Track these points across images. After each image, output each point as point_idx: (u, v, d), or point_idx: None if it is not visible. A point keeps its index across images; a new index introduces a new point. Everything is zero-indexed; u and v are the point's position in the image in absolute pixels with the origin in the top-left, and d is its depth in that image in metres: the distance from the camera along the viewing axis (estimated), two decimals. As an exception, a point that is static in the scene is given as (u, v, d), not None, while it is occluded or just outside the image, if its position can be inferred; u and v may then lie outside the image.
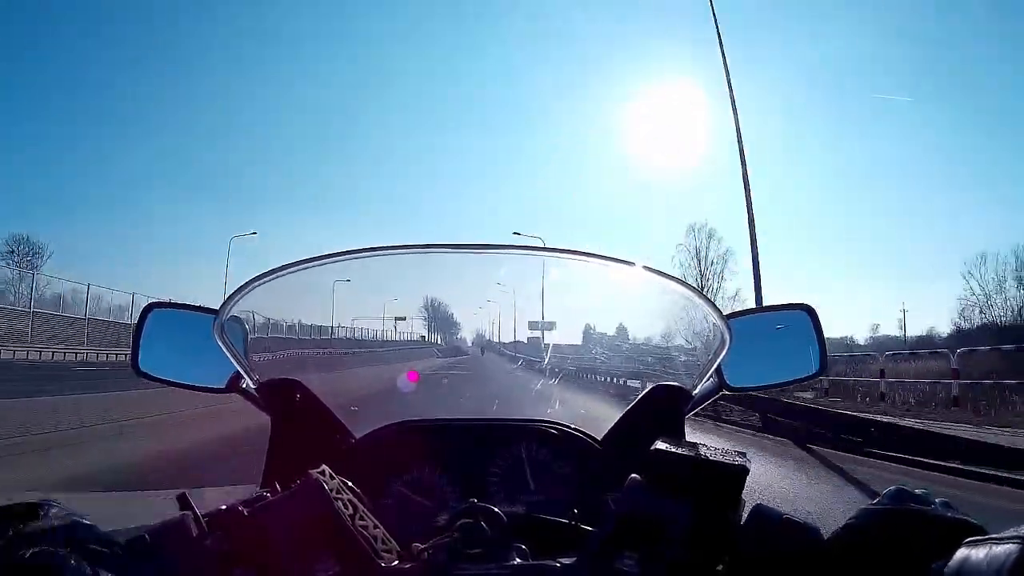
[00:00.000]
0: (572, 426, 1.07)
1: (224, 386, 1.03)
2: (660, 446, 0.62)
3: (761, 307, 1.16)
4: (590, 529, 0.70)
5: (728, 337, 0.96)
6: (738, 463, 0.59)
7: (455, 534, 0.63)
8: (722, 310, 0.95)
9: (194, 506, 0.58)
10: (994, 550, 0.42)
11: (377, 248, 0.96)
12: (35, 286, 27.45)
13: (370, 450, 1.02)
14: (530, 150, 58.09)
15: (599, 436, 1.05)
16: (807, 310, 1.06)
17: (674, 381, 1.09)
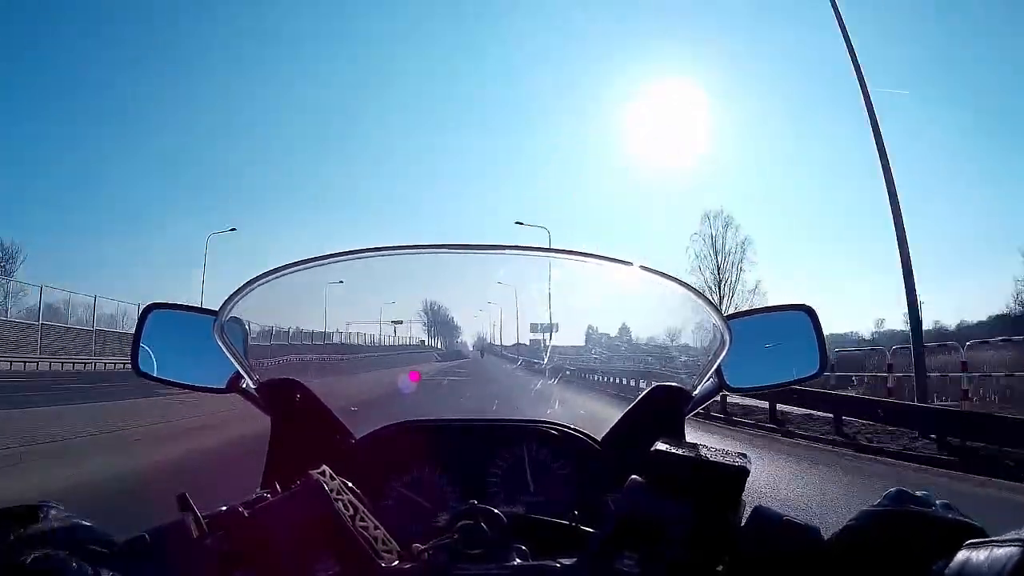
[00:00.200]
0: (572, 427, 1.06)
1: (224, 386, 1.03)
2: (660, 447, 0.61)
3: (761, 308, 1.15)
4: (590, 530, 0.70)
5: (728, 337, 0.96)
6: (738, 464, 0.59)
7: (455, 535, 0.63)
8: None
9: (194, 507, 0.58)
10: (995, 552, 0.41)
11: (380, 248, 0.96)
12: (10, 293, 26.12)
13: (370, 450, 1.02)
14: (530, 150, 58.10)
15: (599, 436, 1.05)
16: (807, 311, 1.06)
17: (674, 381, 1.09)
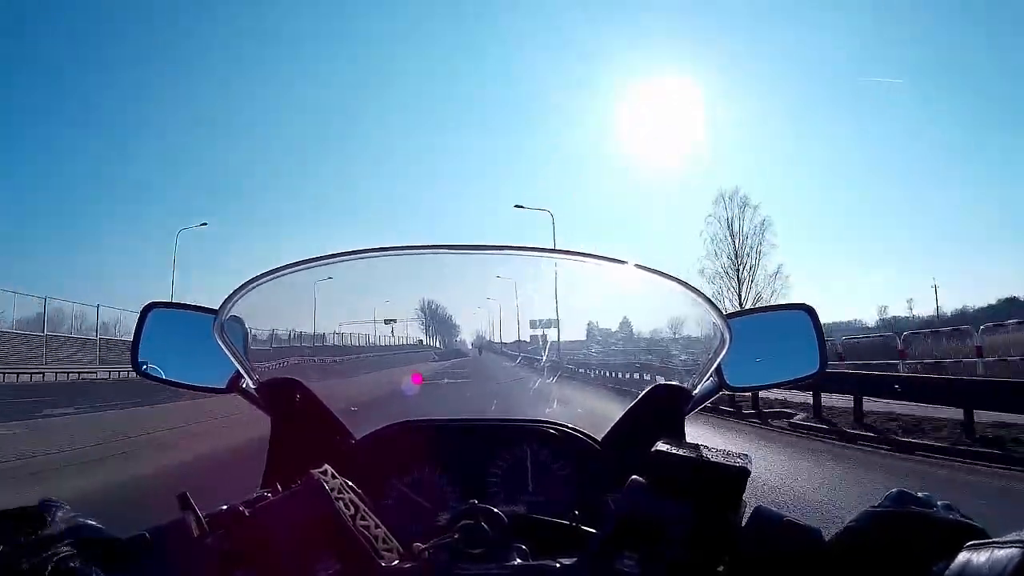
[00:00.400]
0: (572, 426, 1.06)
1: (224, 386, 1.02)
2: (661, 447, 0.61)
3: (760, 307, 1.16)
4: (590, 530, 0.70)
5: (728, 337, 0.96)
6: (739, 465, 0.59)
7: (456, 534, 0.63)
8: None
9: (195, 506, 0.58)
10: (996, 554, 0.41)
11: (379, 249, 0.96)
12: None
13: (370, 450, 1.02)
14: (531, 149, 58.02)
15: (599, 436, 1.05)
16: (807, 310, 1.06)
17: (672, 377, 1.10)
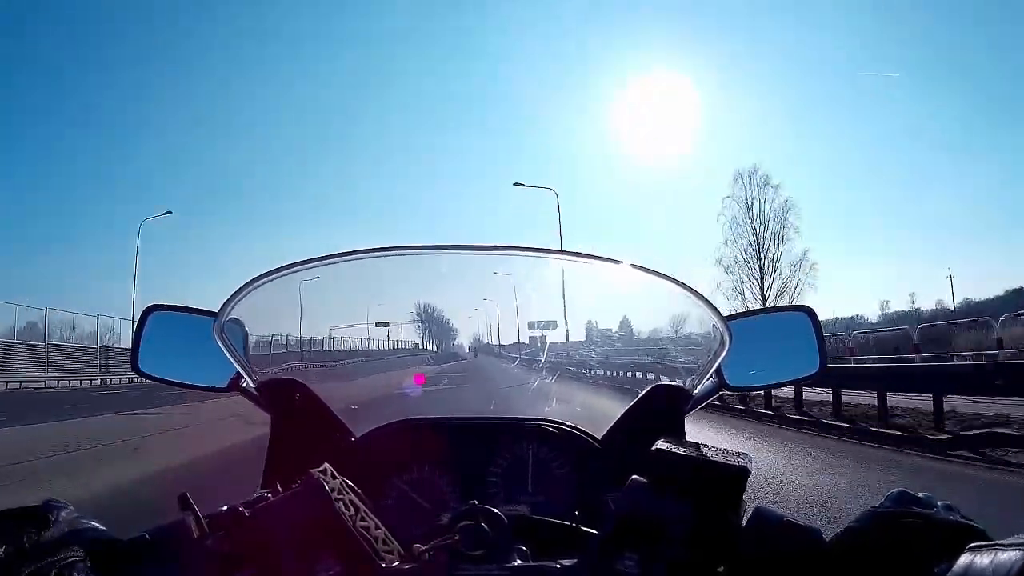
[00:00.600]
0: (572, 425, 1.06)
1: (225, 386, 1.03)
2: (661, 446, 0.61)
3: (760, 309, 1.16)
4: (591, 530, 0.70)
5: (728, 337, 0.96)
6: (739, 464, 0.59)
7: (456, 535, 0.63)
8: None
9: (195, 506, 0.57)
10: (999, 557, 0.40)
11: (379, 249, 0.96)
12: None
13: (370, 449, 1.02)
14: (531, 149, 58.05)
15: (599, 435, 1.05)
16: (807, 312, 1.07)
17: (672, 376, 1.10)
